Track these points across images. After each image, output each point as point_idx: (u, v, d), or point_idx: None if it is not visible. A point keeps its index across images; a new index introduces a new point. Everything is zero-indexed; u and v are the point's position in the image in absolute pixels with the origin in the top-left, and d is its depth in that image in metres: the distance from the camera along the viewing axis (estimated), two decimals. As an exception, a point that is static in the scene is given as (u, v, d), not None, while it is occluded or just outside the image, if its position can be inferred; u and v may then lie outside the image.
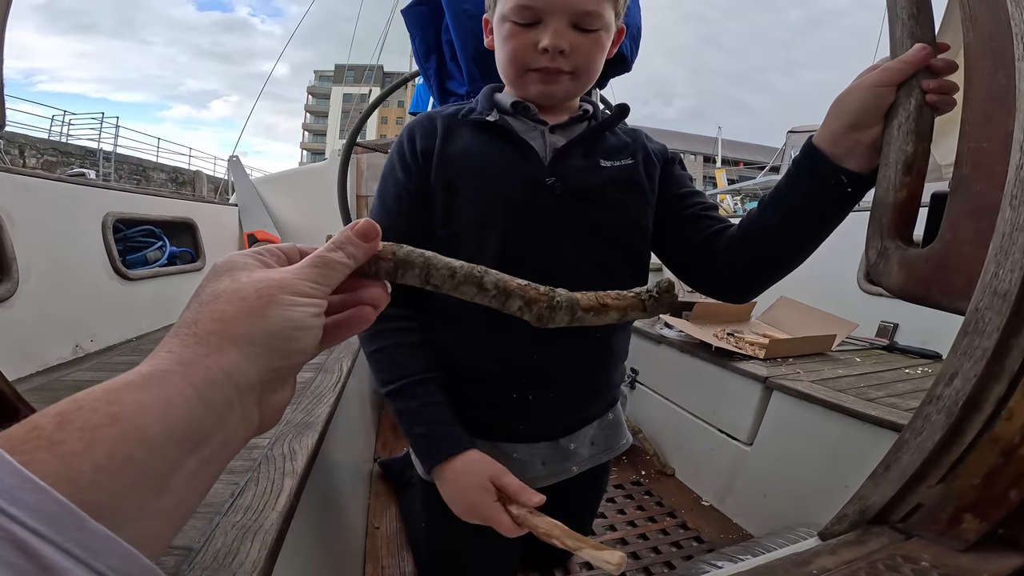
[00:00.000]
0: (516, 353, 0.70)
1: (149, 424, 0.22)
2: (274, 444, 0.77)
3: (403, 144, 0.73)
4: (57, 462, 0.19)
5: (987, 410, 0.35)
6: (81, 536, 0.18)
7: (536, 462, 0.78)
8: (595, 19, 0.65)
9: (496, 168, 0.69)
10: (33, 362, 1.27)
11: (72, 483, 0.19)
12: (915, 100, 0.47)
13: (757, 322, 1.82)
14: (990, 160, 0.40)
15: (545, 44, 0.64)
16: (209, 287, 0.28)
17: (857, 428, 1.06)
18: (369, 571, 1.14)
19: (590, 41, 0.66)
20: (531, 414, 0.74)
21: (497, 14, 0.69)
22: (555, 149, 0.71)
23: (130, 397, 0.22)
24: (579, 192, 0.70)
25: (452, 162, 0.70)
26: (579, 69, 0.68)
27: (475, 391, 0.73)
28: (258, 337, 0.27)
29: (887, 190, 0.48)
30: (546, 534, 0.53)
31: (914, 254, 0.46)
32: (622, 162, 0.74)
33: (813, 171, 0.57)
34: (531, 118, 0.73)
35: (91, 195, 1.63)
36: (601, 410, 0.83)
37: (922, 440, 0.38)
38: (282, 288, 0.28)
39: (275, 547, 0.53)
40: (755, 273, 0.68)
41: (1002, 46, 0.39)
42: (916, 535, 0.38)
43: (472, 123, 0.73)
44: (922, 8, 0.48)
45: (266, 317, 0.27)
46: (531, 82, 0.69)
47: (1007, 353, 0.35)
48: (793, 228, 0.62)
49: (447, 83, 1.43)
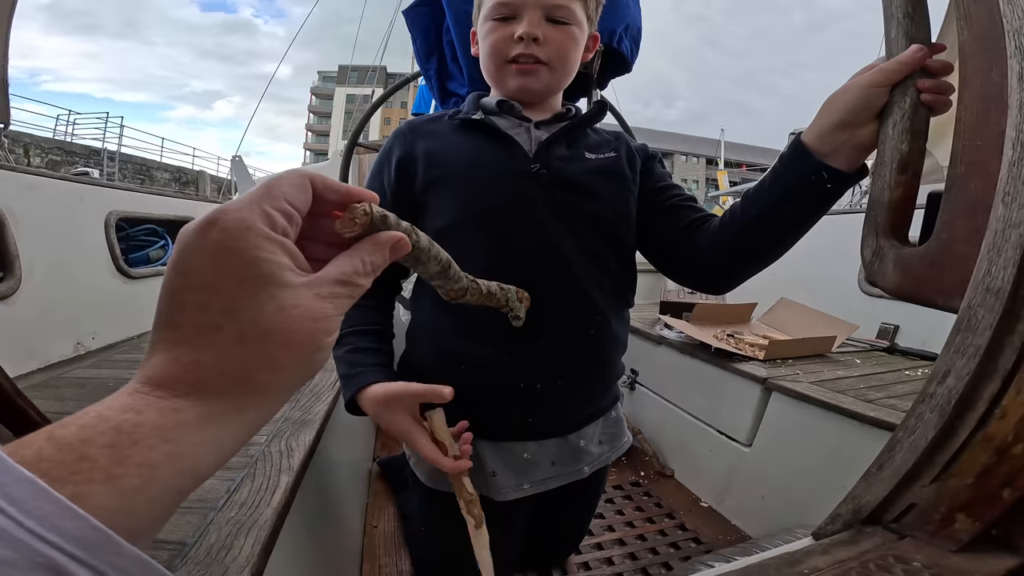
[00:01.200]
0: (522, 340, 0.70)
1: (204, 464, 0.23)
2: (271, 441, 0.78)
3: (387, 152, 0.77)
4: (115, 495, 0.19)
5: (980, 408, 0.35)
6: (117, 559, 0.18)
7: (546, 462, 0.77)
8: (566, 12, 0.70)
9: (482, 162, 0.72)
10: (35, 358, 1.27)
11: (128, 514, 0.20)
12: (910, 99, 0.47)
13: (757, 323, 1.82)
14: (984, 158, 0.40)
15: (520, 32, 0.69)
16: (244, 300, 0.24)
17: (856, 429, 1.06)
18: (366, 569, 1.14)
19: (562, 33, 0.71)
20: (540, 405, 0.73)
21: (480, 19, 0.75)
22: (539, 142, 0.73)
23: (188, 438, 0.22)
24: (564, 179, 0.72)
25: (438, 160, 0.73)
26: (553, 60, 0.72)
27: (482, 382, 0.72)
28: (295, 375, 0.27)
29: (882, 189, 0.48)
30: (440, 440, 0.62)
31: (909, 253, 0.46)
32: (605, 155, 0.76)
33: (796, 167, 0.58)
34: (516, 115, 0.76)
35: (94, 194, 1.64)
36: (606, 405, 0.83)
37: (915, 439, 0.38)
38: (326, 332, 0.27)
39: (269, 543, 0.54)
40: (733, 264, 0.69)
41: (996, 44, 0.39)
42: (909, 535, 0.37)
43: (458, 123, 0.76)
44: (917, 7, 0.48)
45: (313, 365, 0.27)
46: (510, 75, 0.73)
47: (1000, 351, 0.34)
48: (773, 221, 0.63)
49: (448, 84, 1.44)
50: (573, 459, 0.79)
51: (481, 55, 0.76)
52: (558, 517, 0.97)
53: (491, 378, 0.72)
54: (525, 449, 0.76)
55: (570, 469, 0.79)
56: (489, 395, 0.72)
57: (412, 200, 0.74)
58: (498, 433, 0.75)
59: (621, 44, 1.12)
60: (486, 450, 0.75)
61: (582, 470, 0.80)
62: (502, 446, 0.75)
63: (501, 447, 0.75)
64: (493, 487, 0.74)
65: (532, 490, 0.76)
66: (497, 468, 0.75)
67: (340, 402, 1.05)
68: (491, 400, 0.73)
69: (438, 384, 0.61)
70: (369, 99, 2.52)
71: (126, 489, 0.20)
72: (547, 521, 0.95)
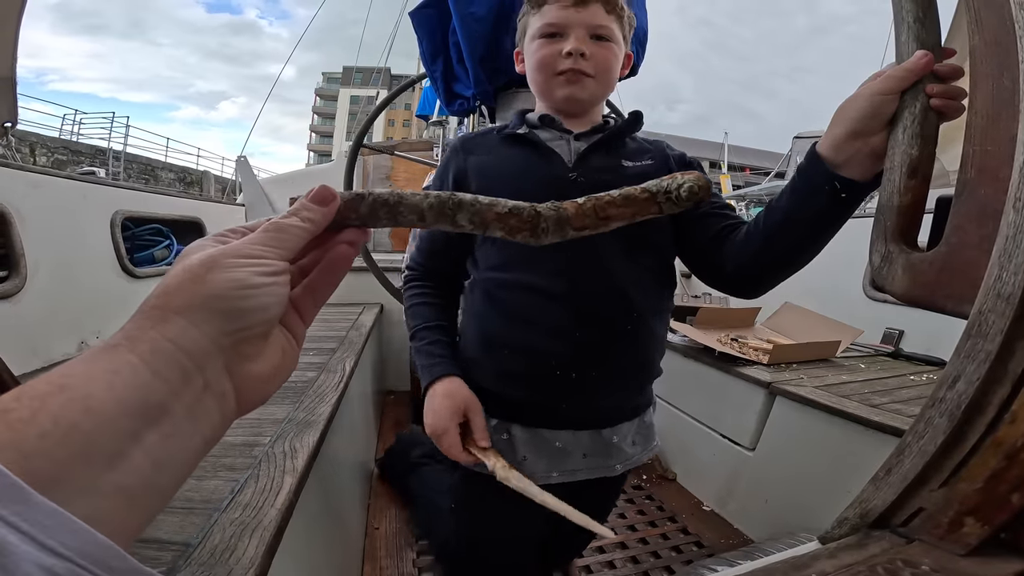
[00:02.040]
0: (558, 328, 0.73)
1: (94, 392, 0.22)
2: (275, 442, 0.78)
3: (445, 168, 0.85)
4: (4, 428, 0.19)
5: (990, 413, 0.35)
6: (25, 510, 0.17)
7: (578, 453, 0.78)
8: (608, 31, 0.77)
9: (524, 171, 0.79)
10: (38, 357, 1.28)
11: (16, 449, 0.19)
12: (920, 104, 0.47)
13: (762, 328, 1.82)
14: (995, 164, 0.40)
15: (569, 48, 0.75)
16: (168, 273, 0.28)
17: (860, 434, 1.05)
18: (367, 571, 1.14)
19: (605, 49, 0.78)
20: (574, 393, 0.75)
21: (527, 38, 0.81)
22: (578, 152, 0.79)
23: (79, 369, 0.22)
24: (601, 185, 0.73)
25: (486, 171, 0.80)
26: (598, 72, 0.78)
27: (516, 367, 0.76)
28: (200, 300, 0.26)
29: (891, 194, 0.48)
30: (492, 465, 0.65)
31: (918, 258, 0.46)
32: (643, 163, 0.80)
33: (811, 178, 0.59)
34: (557, 128, 0.81)
35: (100, 193, 1.65)
36: (642, 405, 0.85)
37: (924, 443, 0.38)
38: (225, 253, 0.28)
39: (273, 544, 0.53)
40: (758, 272, 0.71)
41: (1007, 49, 0.39)
42: (917, 539, 0.37)
43: (504, 137, 0.83)
44: (928, 12, 0.48)
45: (207, 281, 0.27)
46: (558, 85, 0.79)
47: (1011, 356, 0.34)
48: (792, 231, 0.64)
49: (453, 85, 1.44)
50: (606, 454, 0.80)
51: (529, 70, 0.82)
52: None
53: (528, 364, 0.75)
54: (557, 438, 0.78)
55: (602, 463, 0.80)
56: (525, 381, 0.76)
57: None
58: (532, 419, 0.77)
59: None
60: (519, 435, 0.77)
61: (614, 467, 0.81)
62: (535, 432, 0.77)
63: (534, 433, 0.77)
64: (522, 472, 0.76)
65: (560, 479, 0.77)
66: (528, 453, 0.77)
67: (343, 404, 1.05)
68: (527, 385, 0.76)
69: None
70: (373, 101, 2.53)
71: (14, 421, 0.19)
72: (560, 523, 0.95)
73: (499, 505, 0.79)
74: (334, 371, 1.17)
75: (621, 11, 0.79)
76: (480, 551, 0.90)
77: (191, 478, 0.65)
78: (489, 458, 0.66)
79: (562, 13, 0.76)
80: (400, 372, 2.32)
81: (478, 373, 0.78)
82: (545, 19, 0.77)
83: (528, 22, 0.82)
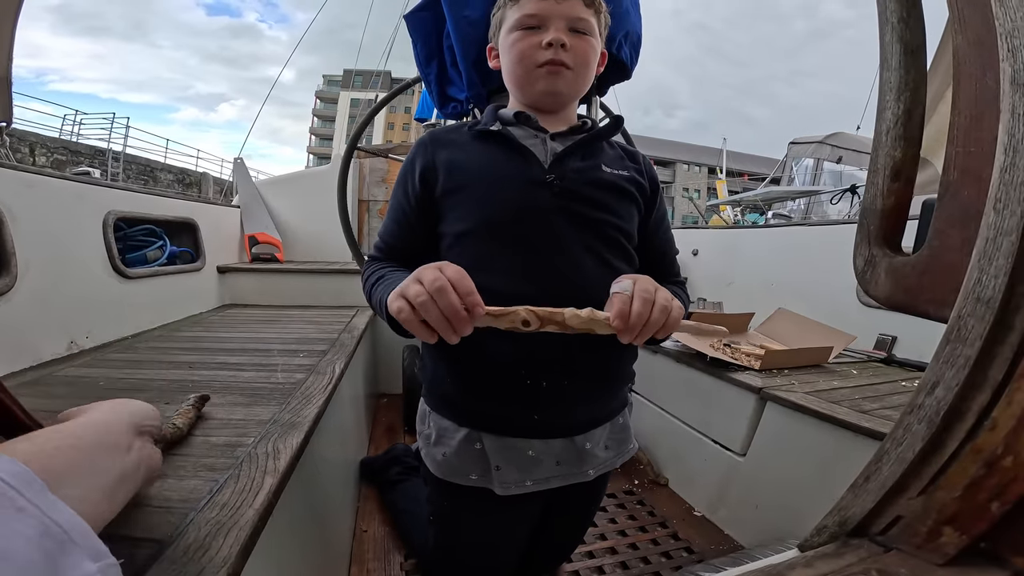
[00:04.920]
0: (530, 338, 0.66)
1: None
2: (258, 443, 0.77)
3: (411, 162, 0.79)
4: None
5: (969, 420, 0.35)
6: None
7: (551, 461, 0.77)
8: (586, 24, 0.77)
9: (498, 172, 0.75)
10: (27, 356, 1.27)
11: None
12: (904, 105, 0.47)
13: (754, 333, 1.81)
14: (977, 165, 0.39)
15: (549, 39, 0.74)
16: None
17: (850, 440, 1.05)
18: (354, 573, 1.13)
19: (584, 42, 0.77)
20: (545, 402, 0.74)
21: (503, 30, 0.79)
22: (555, 154, 0.76)
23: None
24: (576, 190, 0.75)
25: (457, 169, 0.76)
26: (577, 65, 0.76)
27: (486, 376, 0.74)
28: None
29: (875, 196, 0.48)
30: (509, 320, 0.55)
31: (901, 262, 0.45)
32: (619, 172, 0.79)
33: None
34: (532, 127, 0.79)
35: (93, 193, 1.64)
36: (615, 409, 0.84)
37: (902, 450, 0.37)
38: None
39: (248, 544, 0.53)
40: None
41: (991, 48, 0.38)
42: (895, 548, 0.36)
43: (476, 133, 0.79)
44: (912, 12, 0.47)
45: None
46: (538, 78, 0.77)
47: (990, 362, 0.34)
48: None
49: (448, 89, 1.44)
50: (578, 461, 0.79)
51: (507, 63, 0.80)
52: (556, 520, 0.97)
53: (498, 374, 0.73)
54: (530, 446, 0.76)
55: (575, 470, 0.79)
56: (496, 390, 0.74)
57: (434, 207, 0.77)
58: (503, 428, 0.76)
59: (621, 51, 1.13)
60: (490, 444, 0.76)
61: (587, 472, 0.80)
62: (507, 441, 0.76)
63: (506, 442, 0.76)
64: (496, 480, 0.76)
65: (535, 487, 0.77)
66: (500, 463, 0.76)
67: (333, 406, 1.04)
68: (497, 395, 0.74)
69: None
70: (373, 103, 2.55)
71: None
72: (544, 529, 0.95)
73: (473, 519, 0.82)
74: (323, 373, 1.16)
75: (599, 6, 0.79)
76: (456, 555, 0.90)
77: (170, 478, 0.65)
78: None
79: (542, 4, 0.75)
80: (393, 375, 2.30)
81: (446, 386, 0.77)
82: (524, 10, 0.76)
83: (504, 15, 0.80)
